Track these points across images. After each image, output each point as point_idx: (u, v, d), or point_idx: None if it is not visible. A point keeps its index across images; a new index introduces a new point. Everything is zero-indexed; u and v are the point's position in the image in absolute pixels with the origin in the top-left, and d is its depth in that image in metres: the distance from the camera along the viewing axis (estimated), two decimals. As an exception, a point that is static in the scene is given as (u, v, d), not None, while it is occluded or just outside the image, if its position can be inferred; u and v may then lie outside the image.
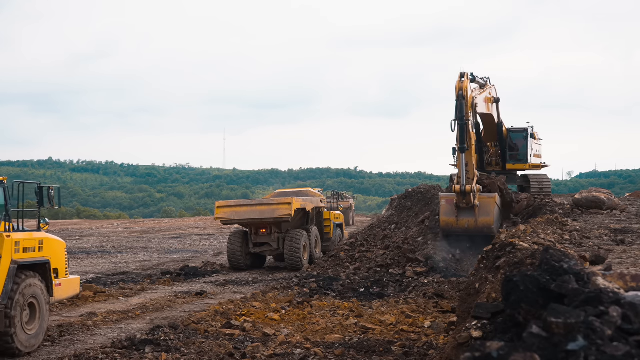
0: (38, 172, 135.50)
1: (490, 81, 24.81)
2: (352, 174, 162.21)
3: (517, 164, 27.27)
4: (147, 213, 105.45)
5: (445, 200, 21.19)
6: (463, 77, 20.32)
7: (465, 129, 20.08)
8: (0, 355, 11.88)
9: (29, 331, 12.12)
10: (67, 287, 13.73)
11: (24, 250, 12.25)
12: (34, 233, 12.85)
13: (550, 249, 6.15)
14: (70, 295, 14.18)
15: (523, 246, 9.84)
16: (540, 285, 4.90)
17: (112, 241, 39.58)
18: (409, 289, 18.41)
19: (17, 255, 12.01)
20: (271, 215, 24.64)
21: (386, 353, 11.58)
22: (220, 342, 12.39)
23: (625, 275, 5.84)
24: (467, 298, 10.78)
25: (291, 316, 14.99)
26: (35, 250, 12.59)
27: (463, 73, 20.49)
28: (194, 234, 45.13)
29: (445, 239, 21.67)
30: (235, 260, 25.38)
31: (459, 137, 20.10)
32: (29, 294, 12.18)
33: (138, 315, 15.97)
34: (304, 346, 12.12)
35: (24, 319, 12.03)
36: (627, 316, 4.33)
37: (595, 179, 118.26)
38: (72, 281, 14.07)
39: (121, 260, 29.50)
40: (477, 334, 5.61)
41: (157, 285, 21.23)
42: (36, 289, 12.41)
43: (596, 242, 14.04)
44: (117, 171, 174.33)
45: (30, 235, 12.63)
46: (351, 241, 23.93)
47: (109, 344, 12.50)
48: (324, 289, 18.55)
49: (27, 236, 12.52)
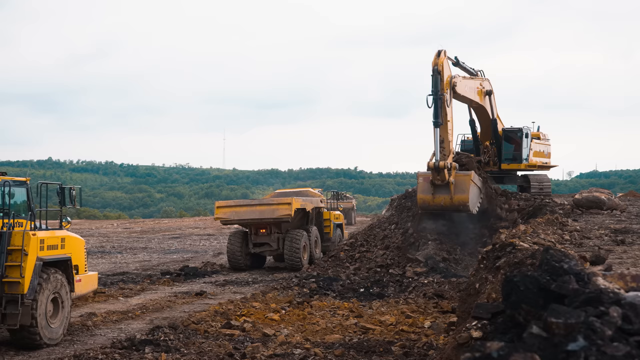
0: (38, 172, 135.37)
1: (484, 74, 24.93)
2: (352, 174, 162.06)
3: (512, 164, 27.16)
4: (147, 213, 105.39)
5: (422, 178, 21.37)
6: (440, 54, 20.72)
7: (440, 104, 20.40)
8: (25, 347, 12.47)
9: (53, 325, 12.75)
10: (87, 282, 14.45)
11: (48, 247, 12.85)
12: (56, 231, 13.52)
13: (551, 249, 6.15)
14: (89, 290, 14.95)
15: (523, 246, 9.83)
16: (540, 285, 4.90)
17: (112, 241, 39.55)
18: (408, 289, 18.41)
19: (42, 252, 12.59)
20: (271, 215, 24.64)
21: (386, 353, 11.58)
22: (220, 343, 12.39)
23: (626, 275, 5.83)
24: (467, 298, 10.77)
25: (291, 316, 14.98)
26: (58, 247, 13.22)
27: (440, 51, 20.89)
28: (194, 234, 45.12)
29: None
30: (235, 260, 25.37)
31: (434, 112, 20.45)
32: (52, 290, 12.80)
33: (138, 315, 15.97)
34: (304, 346, 12.12)
35: (48, 313, 12.64)
36: (627, 316, 4.32)
37: (596, 179, 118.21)
38: (91, 277, 14.79)
39: (121, 260, 29.49)
40: (477, 334, 5.61)
41: (156, 286, 21.22)
42: (59, 284, 13.04)
43: (596, 242, 14.04)
44: (116, 171, 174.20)
45: (53, 234, 13.28)
46: (351, 241, 23.92)
47: (108, 344, 12.50)
48: (323, 289, 18.55)
49: (51, 234, 13.14)
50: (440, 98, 20.39)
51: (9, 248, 12.24)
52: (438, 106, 20.37)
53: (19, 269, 12.09)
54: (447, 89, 20.83)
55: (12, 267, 12.18)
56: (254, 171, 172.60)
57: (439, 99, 20.38)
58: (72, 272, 13.53)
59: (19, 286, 12.06)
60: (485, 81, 24.86)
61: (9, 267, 12.19)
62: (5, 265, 12.17)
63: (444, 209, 21.60)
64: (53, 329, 12.72)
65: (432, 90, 20.48)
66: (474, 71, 24.32)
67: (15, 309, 12.00)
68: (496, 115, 26.10)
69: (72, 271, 13.54)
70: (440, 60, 20.57)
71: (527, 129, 27.28)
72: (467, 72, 23.81)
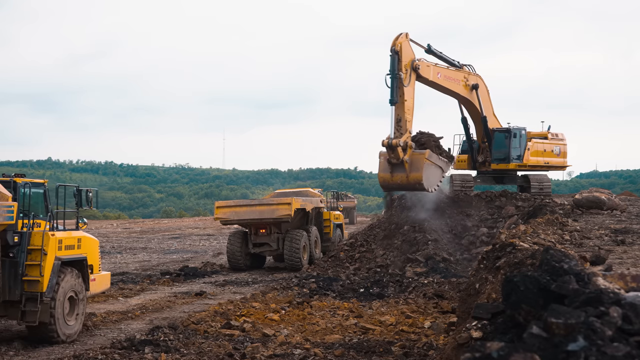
0: (37, 172, 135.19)
1: (473, 69, 25.14)
2: (352, 174, 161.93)
3: (500, 164, 27.04)
4: (147, 213, 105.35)
5: (382, 157, 21.61)
6: (399, 36, 21.61)
7: (396, 83, 21.09)
8: (43, 344, 12.82)
9: (69, 322, 13.19)
10: (101, 282, 14.83)
11: (66, 247, 13.36)
12: (72, 232, 13.99)
13: (551, 249, 6.14)
14: (103, 289, 15.37)
15: (523, 246, 9.81)
16: (540, 285, 4.89)
17: (112, 241, 39.54)
18: (408, 289, 18.39)
19: (60, 252, 13.08)
20: (271, 215, 24.63)
21: (386, 353, 11.57)
22: (220, 343, 12.38)
23: (626, 275, 5.83)
24: (467, 298, 10.75)
25: (291, 317, 14.97)
26: (75, 247, 13.67)
27: (401, 33, 21.76)
28: (194, 234, 45.12)
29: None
30: (235, 260, 25.37)
31: (390, 90, 21.15)
32: (69, 288, 13.29)
33: (137, 315, 15.97)
34: (304, 347, 12.11)
35: (65, 310, 13.13)
36: (627, 316, 4.31)
37: (596, 179, 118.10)
38: (105, 276, 15.18)
39: (120, 260, 29.48)
40: (477, 335, 5.59)
41: (156, 286, 21.22)
42: (75, 283, 13.46)
43: (596, 242, 14.02)
44: (116, 171, 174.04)
45: (70, 234, 13.71)
46: (351, 241, 23.91)
47: (108, 344, 12.50)
48: (323, 289, 18.54)
49: (68, 235, 13.58)
50: (397, 77, 21.13)
51: (29, 248, 12.72)
52: (394, 85, 21.11)
53: (39, 268, 12.60)
54: (407, 70, 21.57)
55: (31, 266, 12.68)
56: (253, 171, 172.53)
57: (395, 78, 21.12)
58: (88, 272, 14.02)
59: (38, 284, 12.56)
60: (472, 75, 25.02)
61: (29, 266, 12.68)
62: (26, 264, 12.66)
63: (402, 187, 22.17)
64: (70, 326, 13.22)
65: (390, 70, 21.23)
66: (458, 63, 24.60)
67: (35, 306, 12.47)
68: (489, 113, 26.04)
69: (88, 270, 14.02)
70: (398, 41, 21.42)
71: (519, 129, 26.97)
72: (447, 62, 24.18)
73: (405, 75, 21.48)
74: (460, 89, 24.48)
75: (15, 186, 13.09)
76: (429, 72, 22.73)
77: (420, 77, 22.29)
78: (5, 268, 12.52)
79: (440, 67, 23.54)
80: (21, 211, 12.90)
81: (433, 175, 21.76)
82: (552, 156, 28.17)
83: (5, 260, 12.56)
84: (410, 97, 21.66)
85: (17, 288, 12.54)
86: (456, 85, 24.28)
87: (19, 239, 12.71)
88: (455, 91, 24.40)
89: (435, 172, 21.92)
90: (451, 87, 24.13)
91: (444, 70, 23.63)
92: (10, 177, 13.40)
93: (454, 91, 24.40)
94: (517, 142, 26.69)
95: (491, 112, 26.22)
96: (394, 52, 21.39)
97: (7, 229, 12.53)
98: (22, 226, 12.93)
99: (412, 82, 21.80)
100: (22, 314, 12.54)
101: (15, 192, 12.97)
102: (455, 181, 26.78)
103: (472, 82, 24.89)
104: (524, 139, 26.87)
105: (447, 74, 23.77)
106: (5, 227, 12.44)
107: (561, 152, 28.40)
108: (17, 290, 12.53)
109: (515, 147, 26.64)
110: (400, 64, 21.32)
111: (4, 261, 12.53)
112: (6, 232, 12.56)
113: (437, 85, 23.45)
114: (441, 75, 23.40)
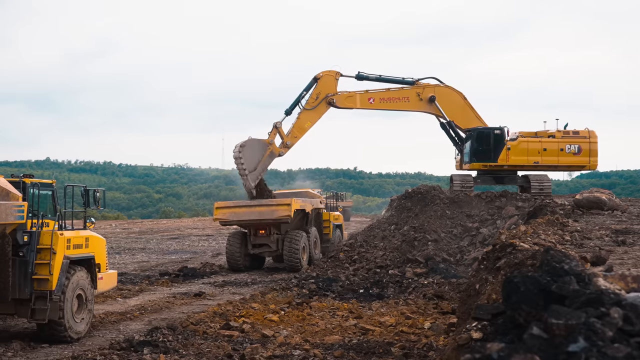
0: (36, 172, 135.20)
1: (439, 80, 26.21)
2: (352, 174, 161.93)
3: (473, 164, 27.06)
4: (146, 213, 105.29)
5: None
6: (329, 70, 25.02)
7: (297, 100, 25.11)
8: (52, 341, 12.98)
9: (78, 320, 13.50)
10: (108, 280, 15.03)
11: (74, 246, 13.61)
12: (80, 231, 14.23)
13: (551, 249, 6.11)
14: (110, 288, 15.58)
15: (524, 247, 9.79)
16: (540, 286, 4.86)
17: (110, 242, 39.48)
18: (408, 290, 18.38)
19: (69, 251, 13.35)
20: (270, 216, 24.61)
21: (386, 354, 11.55)
22: (219, 344, 12.36)
23: (627, 276, 5.80)
24: (467, 299, 10.73)
25: (290, 317, 14.95)
26: (83, 246, 13.91)
27: (332, 70, 25.15)
28: (193, 234, 45.10)
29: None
30: (234, 261, 25.35)
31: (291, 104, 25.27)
32: (77, 286, 13.55)
33: (136, 316, 15.94)
34: (303, 347, 12.09)
35: (74, 308, 13.37)
36: (628, 317, 4.29)
37: (596, 179, 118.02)
38: (111, 275, 15.36)
39: (119, 261, 29.46)
40: (478, 335, 5.57)
41: (155, 286, 21.19)
42: (84, 281, 13.76)
43: (597, 242, 13.99)
44: (115, 171, 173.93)
45: (78, 233, 14.06)
46: (350, 242, 23.91)
47: (107, 345, 12.49)
48: (323, 290, 18.52)
49: (76, 234, 13.82)
50: (301, 96, 24.94)
51: (38, 247, 12.93)
52: (295, 101, 24.99)
53: (48, 266, 12.83)
54: (317, 97, 24.83)
55: (41, 264, 12.90)
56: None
57: (299, 96, 25.08)
58: (95, 270, 14.26)
59: (47, 283, 12.79)
60: (428, 88, 25.93)
61: (38, 265, 12.90)
62: (35, 263, 12.88)
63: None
64: (78, 323, 13.46)
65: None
66: (411, 79, 25.69)
67: (44, 304, 12.69)
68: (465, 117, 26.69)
69: (95, 269, 14.27)
70: (322, 72, 24.95)
71: (491, 129, 26.77)
72: (392, 82, 25.63)
73: (311, 101, 24.60)
74: (407, 105, 25.89)
75: (24, 186, 13.33)
76: (354, 102, 24.90)
77: (343, 108, 24.92)
78: (15, 267, 12.75)
79: (373, 92, 25.07)
80: (30, 211, 13.07)
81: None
82: (565, 155, 27.45)
83: (16, 259, 12.80)
84: (306, 120, 24.80)
85: (27, 286, 12.75)
86: (401, 104, 25.68)
87: (28, 238, 12.93)
88: (399, 109, 25.85)
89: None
90: (392, 107, 25.88)
91: (379, 94, 25.18)
92: (19, 177, 13.66)
93: (399, 110, 25.84)
94: (489, 142, 26.63)
95: (472, 115, 26.78)
96: (314, 78, 24.71)
97: (17, 228, 12.73)
98: (31, 226, 13.15)
99: (318, 109, 24.79)
100: (31, 312, 12.76)
101: (25, 192, 13.18)
102: (455, 181, 26.78)
103: (429, 95, 25.56)
104: (500, 138, 26.67)
105: (386, 96, 25.43)
106: (15, 227, 12.62)
107: (582, 150, 27.29)
108: (27, 288, 12.74)
109: (487, 147, 26.60)
110: (313, 90, 24.75)
111: (14, 260, 12.76)
112: (16, 231, 12.77)
113: (376, 108, 25.54)
114: (374, 100, 25.27)
